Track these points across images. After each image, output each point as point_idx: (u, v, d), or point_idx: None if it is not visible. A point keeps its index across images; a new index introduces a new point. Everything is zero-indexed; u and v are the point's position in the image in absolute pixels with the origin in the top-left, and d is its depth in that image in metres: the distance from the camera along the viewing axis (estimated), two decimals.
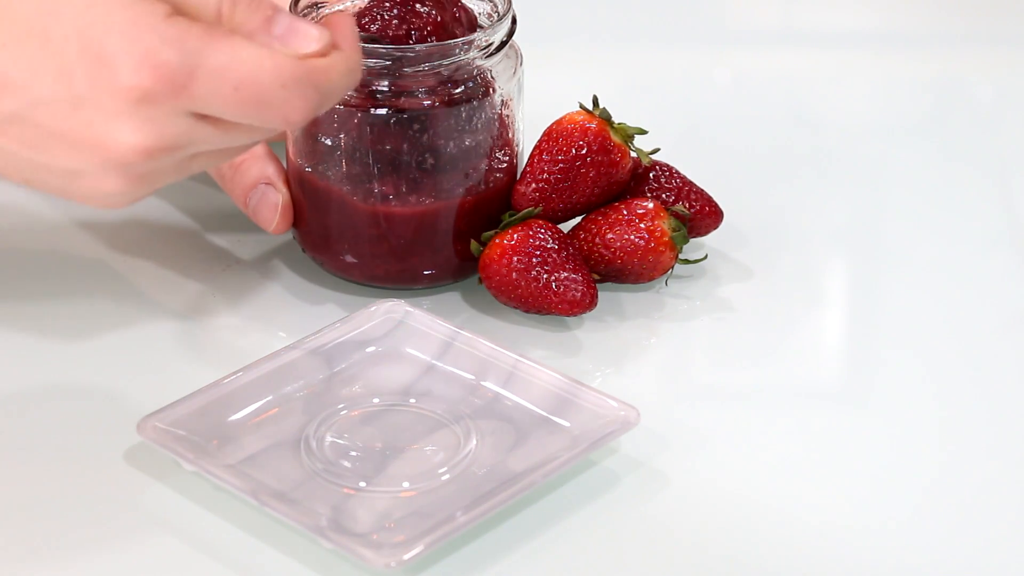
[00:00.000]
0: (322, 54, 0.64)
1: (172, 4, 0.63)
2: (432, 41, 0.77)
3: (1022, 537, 0.68)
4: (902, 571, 0.66)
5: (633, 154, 0.81)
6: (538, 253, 0.78)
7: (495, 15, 0.80)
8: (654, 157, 0.84)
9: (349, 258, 0.80)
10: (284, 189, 0.81)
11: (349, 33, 0.65)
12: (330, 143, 0.79)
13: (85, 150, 0.63)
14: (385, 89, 0.77)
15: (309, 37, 0.64)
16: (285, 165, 0.82)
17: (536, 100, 0.84)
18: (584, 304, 0.77)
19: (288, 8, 0.79)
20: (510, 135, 0.81)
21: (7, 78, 0.63)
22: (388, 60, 0.76)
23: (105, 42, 0.61)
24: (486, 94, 0.79)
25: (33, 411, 0.74)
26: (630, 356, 0.79)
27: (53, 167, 0.64)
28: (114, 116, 0.62)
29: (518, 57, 0.81)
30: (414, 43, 0.77)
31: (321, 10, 0.80)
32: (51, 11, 0.62)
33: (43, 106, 0.63)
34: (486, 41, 0.78)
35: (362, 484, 0.68)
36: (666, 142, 0.85)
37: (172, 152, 0.64)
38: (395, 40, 0.77)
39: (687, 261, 0.82)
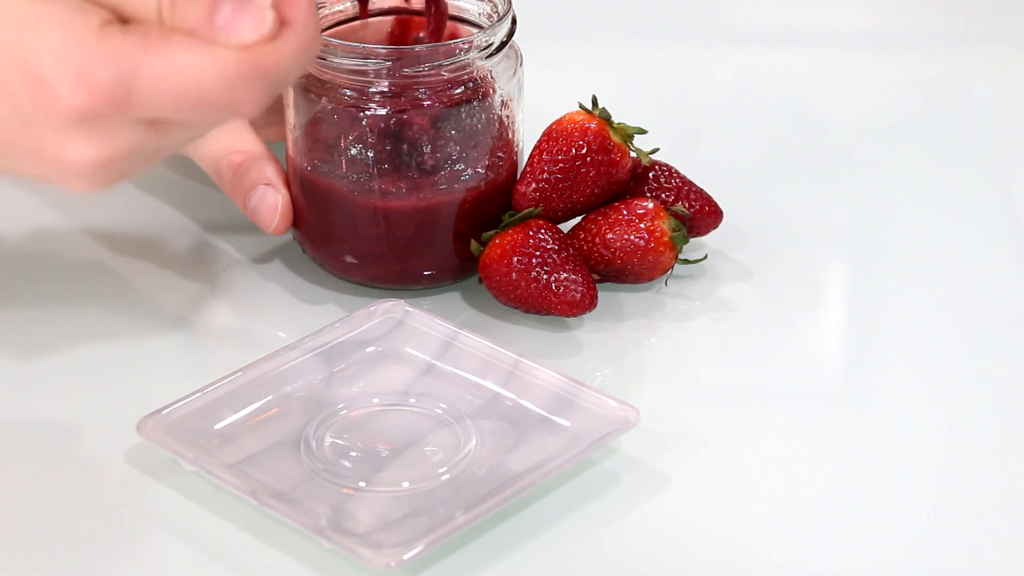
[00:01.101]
0: (270, 37, 0.61)
1: (108, 7, 0.61)
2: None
3: (1023, 536, 0.68)
4: (902, 571, 0.66)
5: (633, 154, 0.81)
6: (538, 253, 0.78)
7: (495, 15, 0.80)
8: (654, 157, 0.84)
9: (349, 258, 0.80)
10: (283, 190, 0.81)
11: (303, 6, 0.62)
12: (330, 143, 0.79)
13: (43, 161, 0.63)
14: (385, 89, 0.77)
15: (253, 22, 0.61)
16: (285, 165, 0.82)
17: (536, 100, 0.84)
18: (584, 305, 0.77)
19: None
20: (510, 135, 0.81)
21: None
22: (388, 60, 0.76)
23: (40, 64, 0.60)
24: (486, 94, 0.79)
25: (33, 411, 0.74)
26: (630, 356, 0.79)
27: (22, 172, 0.64)
28: (62, 133, 0.61)
29: (518, 57, 0.81)
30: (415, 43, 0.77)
31: (322, 10, 0.80)
32: None
33: None
34: (486, 41, 0.78)
35: (362, 484, 0.68)
36: (666, 142, 0.85)
37: (129, 157, 0.63)
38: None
39: (687, 261, 0.82)
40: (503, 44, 0.79)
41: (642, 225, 0.80)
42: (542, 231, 0.78)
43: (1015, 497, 0.70)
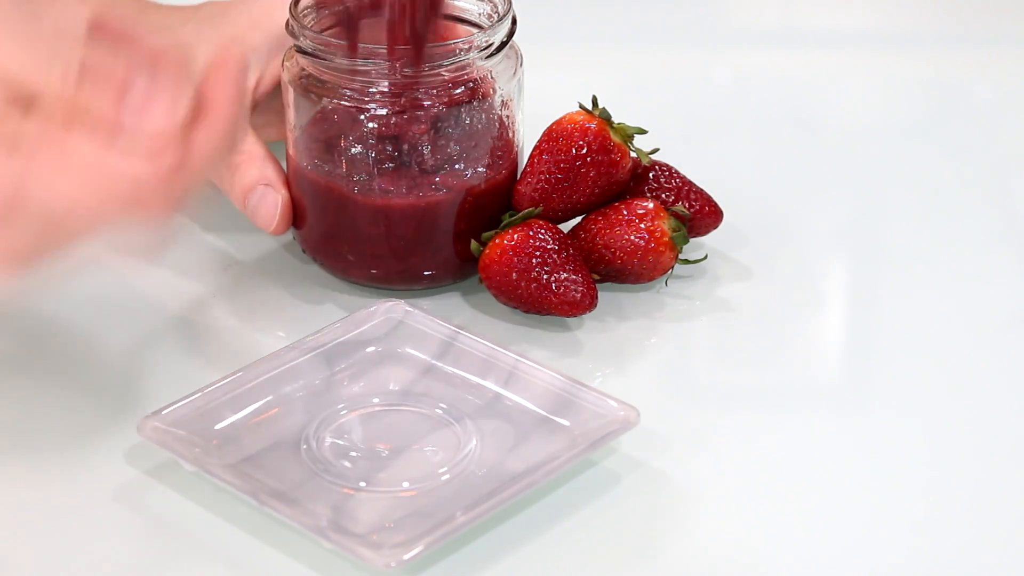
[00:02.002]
0: (183, 127, 0.59)
1: (12, 90, 0.60)
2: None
3: (1023, 536, 0.68)
4: (902, 570, 0.66)
5: (633, 154, 0.81)
6: (538, 254, 0.78)
7: (495, 16, 0.80)
8: (654, 157, 0.84)
9: (349, 258, 0.80)
10: (283, 190, 0.81)
11: (224, 94, 0.60)
12: (330, 143, 0.79)
13: None
14: (385, 89, 0.77)
15: (164, 113, 0.59)
16: (284, 165, 0.82)
17: (536, 100, 0.84)
18: (584, 305, 0.77)
19: (289, 9, 0.79)
20: (510, 135, 0.81)
21: None
22: (388, 60, 0.76)
23: None
24: (486, 95, 0.79)
25: (33, 411, 0.74)
26: (630, 356, 0.79)
27: None
28: None
29: (518, 58, 0.81)
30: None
31: (321, 11, 0.80)
32: None
33: None
34: (486, 42, 0.78)
35: (362, 484, 0.68)
36: (666, 142, 0.85)
37: (33, 250, 0.61)
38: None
39: (687, 261, 0.82)
40: (503, 44, 0.79)
41: (642, 225, 0.80)
42: (542, 231, 0.78)
43: (1015, 497, 0.70)
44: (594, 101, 0.81)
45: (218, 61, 0.60)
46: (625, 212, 0.80)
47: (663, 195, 0.83)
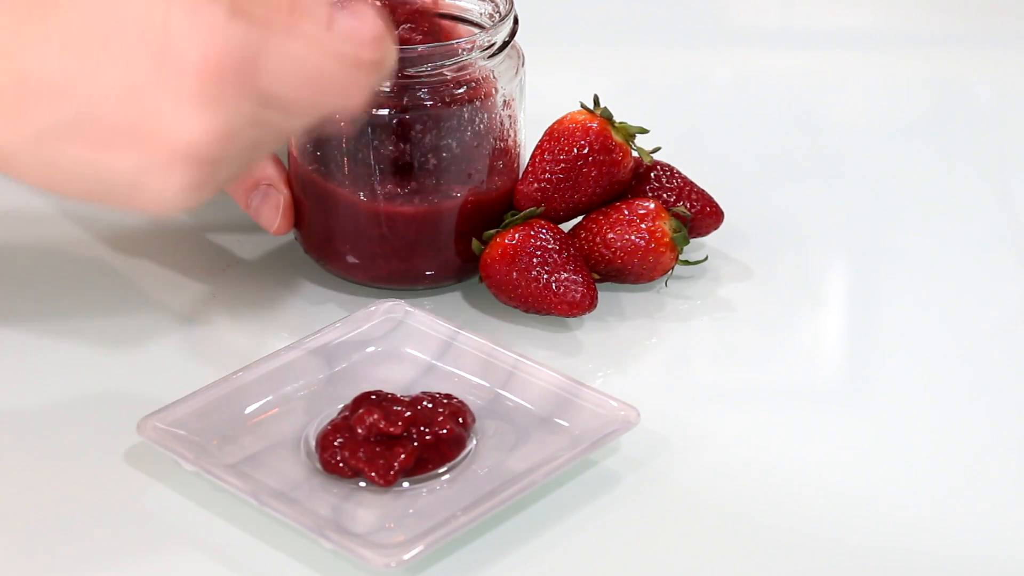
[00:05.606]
0: (379, 42, 0.64)
1: None
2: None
3: (1023, 537, 0.68)
4: (902, 570, 0.66)
5: (634, 153, 0.81)
6: (539, 253, 0.78)
7: (497, 15, 0.80)
8: (655, 156, 0.84)
9: (351, 259, 0.80)
10: (285, 190, 0.81)
11: (381, 20, 0.65)
12: (332, 144, 0.78)
13: (150, 143, 0.62)
14: (387, 89, 0.77)
15: (367, 26, 0.64)
16: (287, 166, 0.82)
17: (538, 99, 0.84)
18: (584, 305, 0.77)
19: None
20: (512, 135, 0.81)
21: (69, 76, 0.61)
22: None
23: (169, 26, 0.60)
24: (488, 95, 0.79)
25: (33, 411, 0.74)
26: (630, 356, 0.79)
27: (118, 168, 0.62)
28: (181, 101, 0.61)
29: (520, 58, 0.81)
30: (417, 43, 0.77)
31: None
32: (112, 3, 0.61)
33: (107, 101, 0.61)
34: (488, 42, 0.78)
35: (362, 484, 0.68)
36: (666, 142, 0.85)
37: (237, 138, 0.62)
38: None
39: (687, 262, 0.82)
40: (505, 44, 0.79)
41: (643, 225, 0.80)
42: (543, 231, 0.78)
43: (1015, 496, 0.70)
44: (596, 101, 0.81)
45: None
46: (626, 212, 0.80)
47: (664, 195, 0.83)
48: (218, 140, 0.62)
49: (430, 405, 0.69)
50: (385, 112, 0.77)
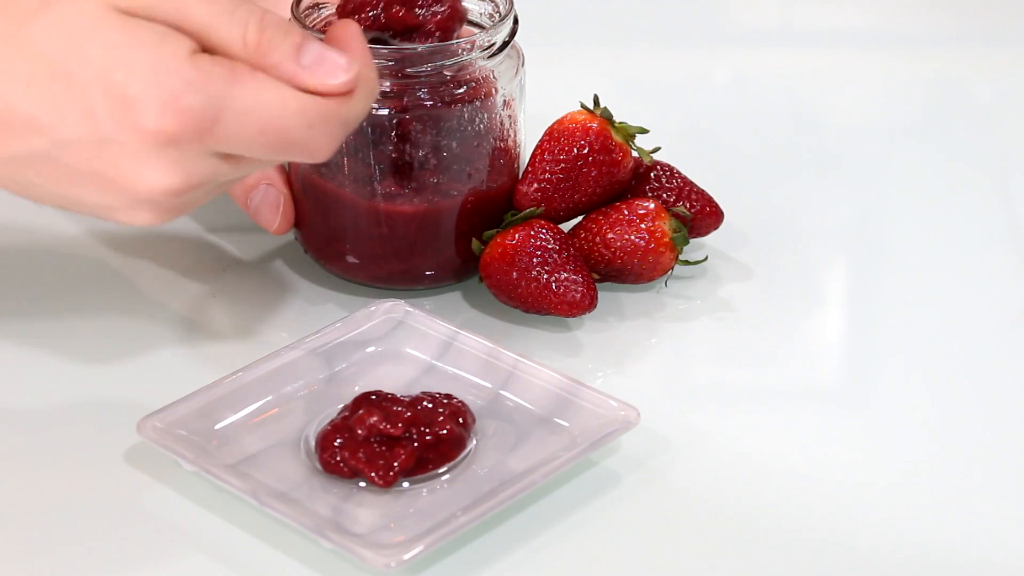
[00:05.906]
0: (351, 86, 0.63)
1: (196, 37, 0.62)
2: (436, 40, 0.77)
3: (1022, 537, 0.68)
4: (902, 570, 0.66)
5: (634, 153, 0.81)
6: (539, 253, 0.78)
7: (497, 15, 0.80)
8: (655, 156, 0.84)
9: (351, 259, 0.80)
10: (285, 189, 0.81)
11: (361, 47, 0.64)
12: None
13: (113, 190, 0.63)
14: (387, 89, 0.77)
15: (338, 68, 0.63)
16: (286, 166, 0.82)
17: (538, 99, 0.84)
18: (584, 305, 0.77)
19: (291, 8, 0.79)
20: (512, 135, 0.81)
21: (33, 118, 0.62)
22: (390, 60, 0.76)
23: (129, 85, 0.61)
24: (488, 95, 0.79)
25: (33, 411, 0.74)
26: (630, 356, 0.79)
27: (84, 201, 0.64)
28: (140, 158, 0.62)
29: (520, 57, 0.81)
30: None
31: (322, 11, 0.80)
32: (75, 51, 0.61)
33: (69, 147, 0.62)
34: (488, 41, 0.78)
35: (362, 484, 0.68)
36: (666, 142, 0.85)
37: (198, 189, 0.63)
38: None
39: (687, 262, 0.82)
40: (505, 44, 0.79)
41: (643, 225, 0.80)
42: (543, 231, 0.78)
43: (1016, 497, 0.70)
44: (596, 101, 0.81)
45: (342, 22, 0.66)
46: (626, 212, 0.80)
47: (664, 195, 0.83)
48: (177, 194, 0.63)
49: (430, 405, 0.69)
50: (385, 112, 0.77)
